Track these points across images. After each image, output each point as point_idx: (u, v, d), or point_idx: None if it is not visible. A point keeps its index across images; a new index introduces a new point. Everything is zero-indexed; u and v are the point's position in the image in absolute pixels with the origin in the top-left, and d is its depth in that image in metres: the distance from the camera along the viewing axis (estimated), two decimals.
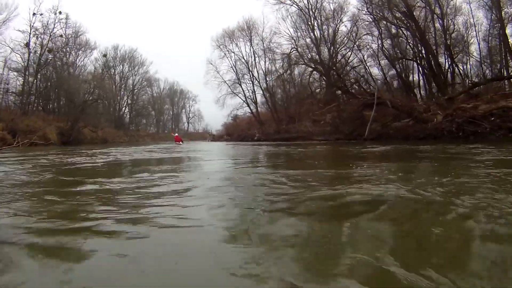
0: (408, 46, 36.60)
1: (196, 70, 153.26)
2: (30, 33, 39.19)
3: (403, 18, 34.20)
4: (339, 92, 37.17)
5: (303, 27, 42.16)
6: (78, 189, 4.63)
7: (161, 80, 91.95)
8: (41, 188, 4.82)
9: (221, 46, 50.11)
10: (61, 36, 42.22)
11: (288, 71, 43.90)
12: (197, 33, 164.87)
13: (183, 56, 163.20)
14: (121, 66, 73.69)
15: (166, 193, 4.20)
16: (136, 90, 77.91)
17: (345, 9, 39.97)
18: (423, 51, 34.84)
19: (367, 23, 37.55)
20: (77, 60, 53.69)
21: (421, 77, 38.13)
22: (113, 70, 70.76)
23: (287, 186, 4.48)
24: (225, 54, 50.24)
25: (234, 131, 52.38)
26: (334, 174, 5.92)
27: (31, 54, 39.45)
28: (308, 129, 34.50)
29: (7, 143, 25.30)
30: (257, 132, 43.40)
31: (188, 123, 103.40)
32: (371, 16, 36.06)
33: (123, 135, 63.67)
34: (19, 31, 38.59)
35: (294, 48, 42.02)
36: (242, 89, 50.20)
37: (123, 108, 75.67)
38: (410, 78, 39.24)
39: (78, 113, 41.34)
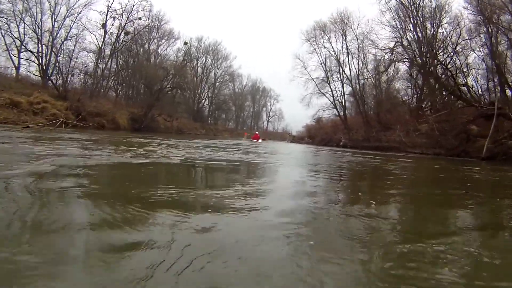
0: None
1: (281, 68, 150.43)
2: (107, 14, 37.70)
3: None
4: (446, 97, 31.32)
5: (399, 26, 36.44)
6: None
7: (244, 76, 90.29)
8: None
9: (310, 40, 44.81)
10: (139, 18, 40.26)
11: (384, 72, 37.93)
12: (285, 30, 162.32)
13: (268, 53, 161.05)
14: (204, 58, 72.61)
15: None
16: (217, 83, 76.36)
17: (447, 8, 33.68)
18: None
19: (470, 26, 31.18)
20: (159, 49, 52.98)
21: None
22: (195, 61, 69.27)
23: None
24: (314, 49, 44.83)
25: (317, 134, 47.23)
26: None
27: (107, 36, 37.98)
28: (402, 139, 29.30)
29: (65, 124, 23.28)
30: (343, 137, 38.12)
31: (268, 121, 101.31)
32: (480, 16, 29.42)
33: (200, 127, 62.11)
34: (96, 11, 37.45)
35: (399, 42, 35.83)
36: (331, 89, 44.45)
37: (203, 101, 74.47)
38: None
39: (153, 100, 39.41)
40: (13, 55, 33.90)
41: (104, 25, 37.10)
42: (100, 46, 37.29)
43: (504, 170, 11.30)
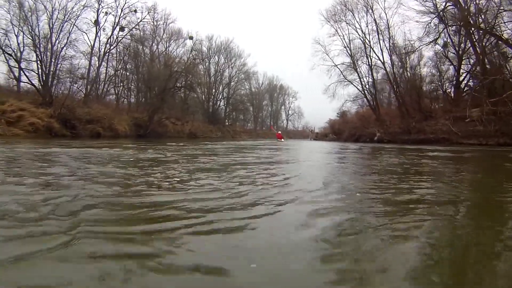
0: None
1: (298, 63, 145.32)
2: (98, 10, 33.34)
3: None
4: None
5: None
6: None
7: (260, 74, 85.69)
8: None
9: (331, 20, 38.57)
10: (135, 11, 35.45)
11: (433, 43, 31.23)
12: (302, 22, 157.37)
13: (284, 49, 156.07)
14: (216, 57, 67.87)
15: None
16: (232, 83, 71.58)
17: None
18: None
19: None
20: (168, 50, 48.47)
21: None
22: (207, 61, 64.68)
23: None
24: (336, 31, 38.61)
25: (343, 129, 41.24)
26: None
27: (99, 33, 33.97)
28: (451, 128, 24.23)
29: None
30: (377, 130, 32.36)
31: (287, 120, 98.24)
32: None
33: (216, 130, 57.88)
34: (86, 6, 32.36)
35: (450, 2, 29.00)
36: (359, 75, 38.54)
37: (218, 102, 69.90)
38: None
39: (157, 102, 35.24)
40: (12, 66, 30.35)
41: (96, 22, 32.94)
42: (92, 45, 33.18)
43: None
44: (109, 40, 34.31)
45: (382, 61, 36.25)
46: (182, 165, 6.15)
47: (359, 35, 37.73)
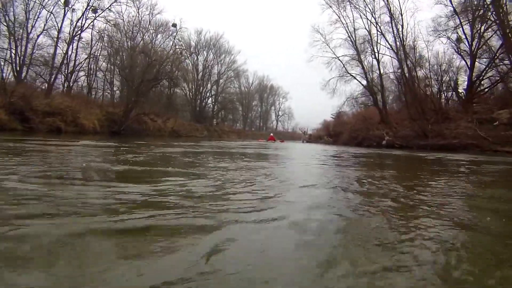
0: None
1: (289, 63, 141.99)
2: None
3: None
4: None
5: None
6: None
7: (250, 72, 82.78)
8: None
9: (333, 5, 33.65)
10: None
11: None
12: (296, 21, 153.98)
13: (274, 48, 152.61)
14: (205, 52, 64.47)
15: None
16: (221, 80, 68.34)
17: None
18: None
19: None
20: (154, 43, 43.96)
21: None
22: (195, 57, 61.25)
23: None
24: (339, 17, 33.81)
25: (341, 131, 36.93)
26: None
27: (72, 15, 30.05)
28: (478, 132, 20.45)
29: None
30: (386, 133, 27.81)
31: (277, 121, 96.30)
32: None
33: (203, 129, 54.24)
34: None
35: None
36: (364, 69, 34.02)
37: (206, 100, 66.12)
38: None
39: (134, 96, 31.02)
40: None
41: (66, 2, 28.84)
42: (59, 28, 29.17)
43: None
44: (78, 22, 30.14)
45: (395, 51, 31.19)
46: None
47: (365, 21, 33.08)
